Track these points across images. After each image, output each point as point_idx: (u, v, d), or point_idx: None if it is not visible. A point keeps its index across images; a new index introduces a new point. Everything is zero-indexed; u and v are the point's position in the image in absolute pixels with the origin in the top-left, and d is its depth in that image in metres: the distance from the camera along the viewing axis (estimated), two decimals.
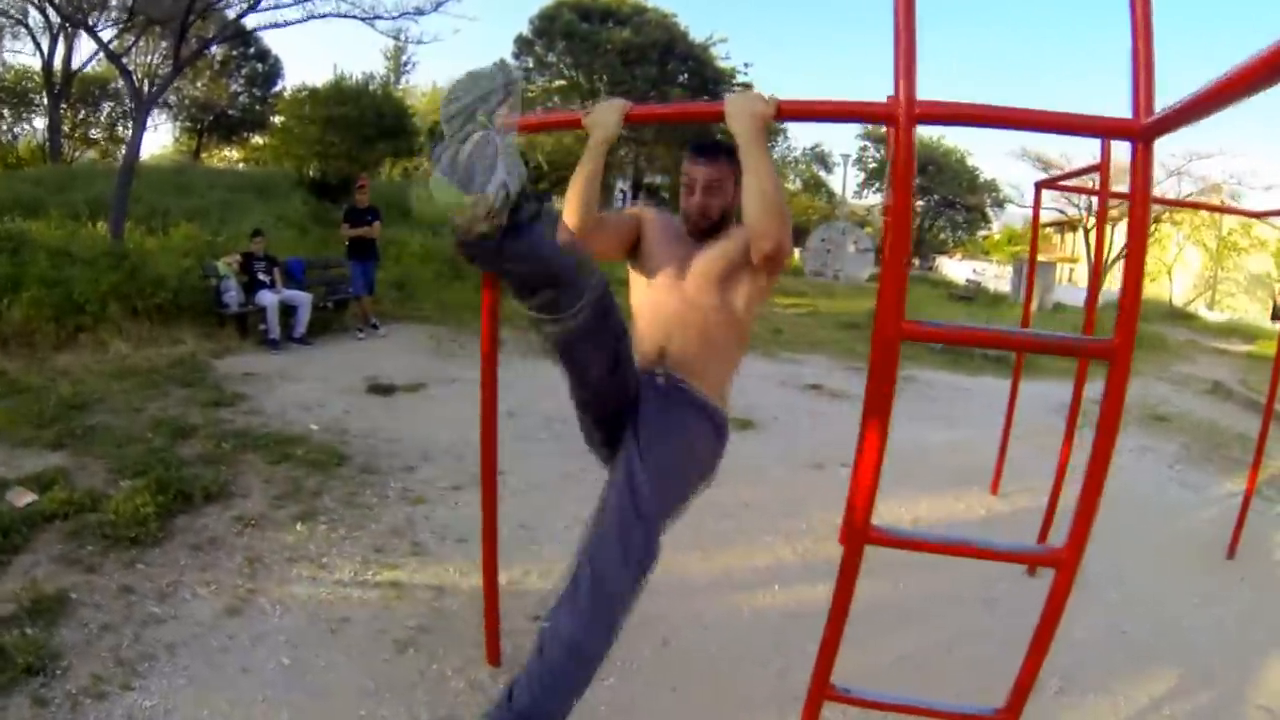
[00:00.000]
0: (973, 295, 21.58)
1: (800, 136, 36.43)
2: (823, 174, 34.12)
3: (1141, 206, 1.28)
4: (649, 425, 1.77)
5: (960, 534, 3.75)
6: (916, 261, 28.91)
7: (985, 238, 32.76)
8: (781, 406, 6.47)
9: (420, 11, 10.14)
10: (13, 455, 4.04)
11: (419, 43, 15.81)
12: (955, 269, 30.50)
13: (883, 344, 1.54)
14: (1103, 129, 1.35)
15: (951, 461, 5.15)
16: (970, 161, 29.37)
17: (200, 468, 3.93)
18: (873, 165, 29.32)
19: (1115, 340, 1.43)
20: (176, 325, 7.38)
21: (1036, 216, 4.77)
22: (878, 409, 1.59)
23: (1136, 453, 5.97)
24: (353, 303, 8.63)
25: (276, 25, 9.53)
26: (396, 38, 11.14)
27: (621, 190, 28.38)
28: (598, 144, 1.90)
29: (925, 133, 24.16)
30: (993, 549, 1.76)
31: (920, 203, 27.17)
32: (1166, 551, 4.02)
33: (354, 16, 9.83)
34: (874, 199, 29.14)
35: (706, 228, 1.93)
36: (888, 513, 4.10)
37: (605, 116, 1.85)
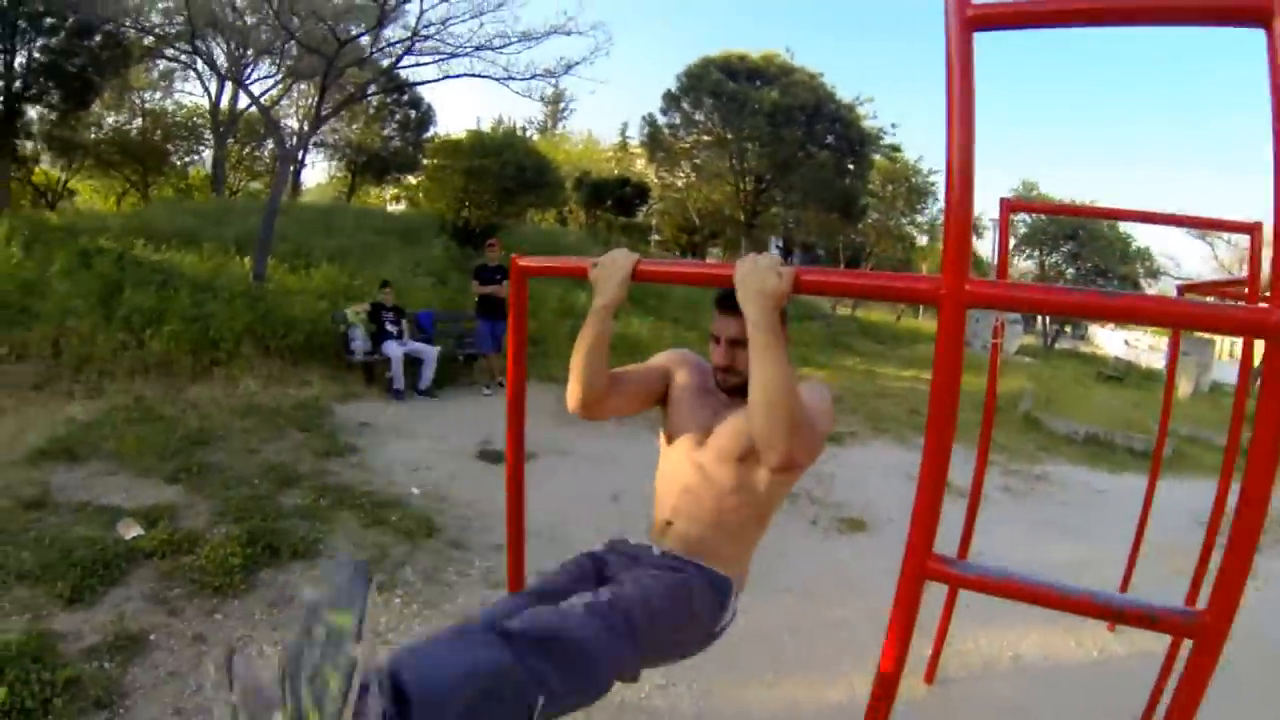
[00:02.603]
0: (1122, 375, 21.10)
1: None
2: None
3: (1273, 412, 1.18)
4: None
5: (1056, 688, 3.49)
6: (1068, 330, 28.35)
7: None
8: (900, 505, 6.25)
9: (551, 74, 11.73)
10: (134, 483, 4.73)
11: (558, 104, 17.66)
12: (1108, 339, 30.66)
13: (908, 583, 1.39)
14: (1227, 325, 1.21)
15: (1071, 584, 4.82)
16: (1122, 228, 28.19)
17: (295, 520, 4.40)
18: (1023, 230, 29.33)
19: (1205, 614, 1.21)
20: (306, 366, 8.27)
21: (1176, 345, 4.55)
22: (895, 653, 1.42)
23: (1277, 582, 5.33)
24: (480, 359, 9.27)
25: (415, 84, 11.06)
26: (536, 97, 12.61)
27: (777, 245, 29.40)
28: (599, 309, 1.82)
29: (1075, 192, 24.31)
30: None
31: (1070, 271, 27.72)
32: None
33: (488, 77, 11.44)
34: (1025, 265, 29.78)
35: (736, 384, 1.86)
36: (988, 646, 3.95)
37: (609, 276, 1.77)
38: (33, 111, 17.15)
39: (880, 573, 4.85)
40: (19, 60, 15.48)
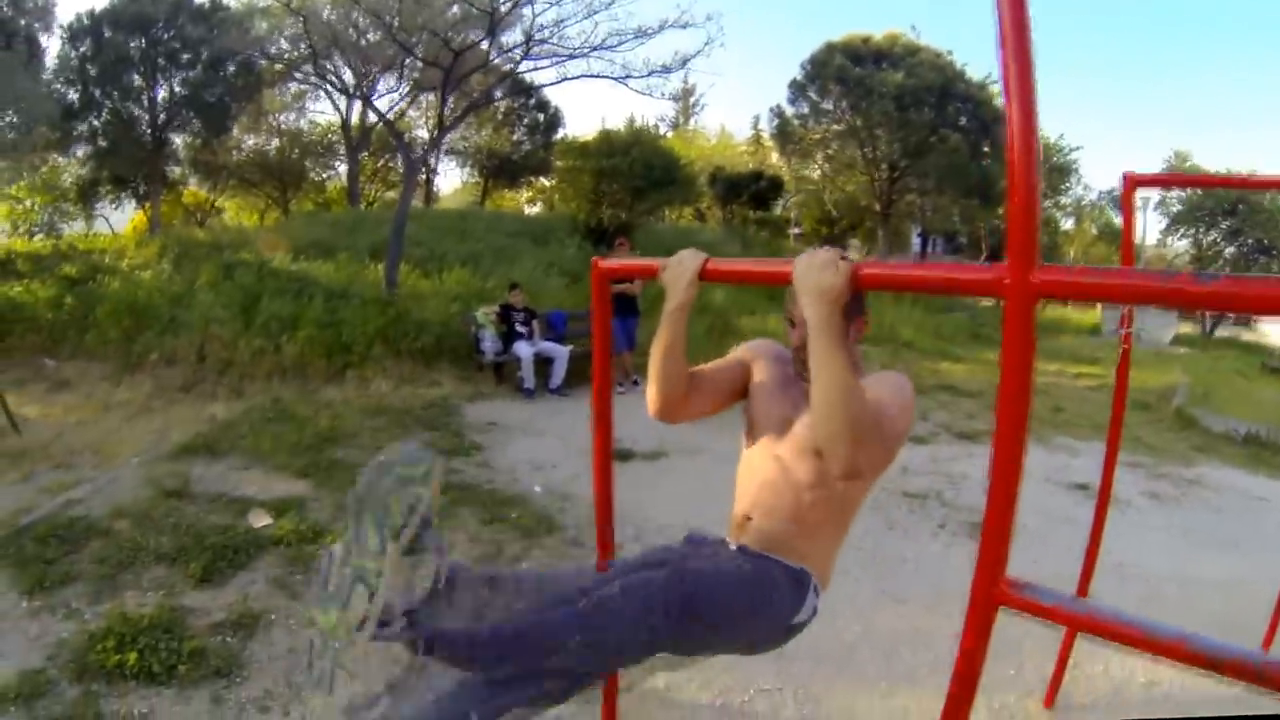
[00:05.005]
0: None
1: (1095, 178, 37.54)
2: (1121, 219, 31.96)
3: None
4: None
5: None
6: (1230, 315, 26.71)
7: None
8: (1035, 511, 5.84)
9: (667, 69, 12.24)
10: (267, 477, 5.21)
11: (688, 99, 18.17)
12: (1275, 326, 28.25)
13: (978, 611, 1.34)
14: None
15: (1222, 606, 4.30)
16: None
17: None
18: (1177, 208, 27.29)
19: None
20: (436, 367, 8.78)
21: None
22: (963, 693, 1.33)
23: None
24: (614, 357, 9.51)
25: (536, 87, 11.69)
26: (656, 95, 13.09)
27: (918, 235, 28.92)
28: (671, 311, 1.87)
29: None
30: None
31: (1230, 249, 26.47)
32: None
33: (605, 77, 11.99)
34: (1179, 245, 28.34)
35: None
36: (1119, 670, 3.65)
37: (678, 278, 1.82)
38: (178, 139, 19.55)
39: None
40: (161, 94, 17.95)
